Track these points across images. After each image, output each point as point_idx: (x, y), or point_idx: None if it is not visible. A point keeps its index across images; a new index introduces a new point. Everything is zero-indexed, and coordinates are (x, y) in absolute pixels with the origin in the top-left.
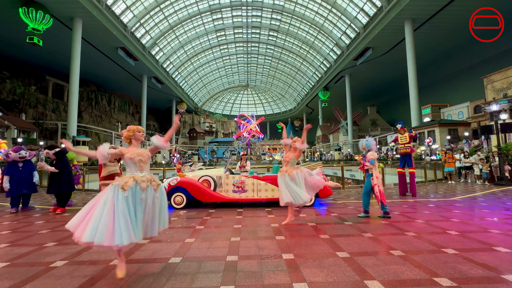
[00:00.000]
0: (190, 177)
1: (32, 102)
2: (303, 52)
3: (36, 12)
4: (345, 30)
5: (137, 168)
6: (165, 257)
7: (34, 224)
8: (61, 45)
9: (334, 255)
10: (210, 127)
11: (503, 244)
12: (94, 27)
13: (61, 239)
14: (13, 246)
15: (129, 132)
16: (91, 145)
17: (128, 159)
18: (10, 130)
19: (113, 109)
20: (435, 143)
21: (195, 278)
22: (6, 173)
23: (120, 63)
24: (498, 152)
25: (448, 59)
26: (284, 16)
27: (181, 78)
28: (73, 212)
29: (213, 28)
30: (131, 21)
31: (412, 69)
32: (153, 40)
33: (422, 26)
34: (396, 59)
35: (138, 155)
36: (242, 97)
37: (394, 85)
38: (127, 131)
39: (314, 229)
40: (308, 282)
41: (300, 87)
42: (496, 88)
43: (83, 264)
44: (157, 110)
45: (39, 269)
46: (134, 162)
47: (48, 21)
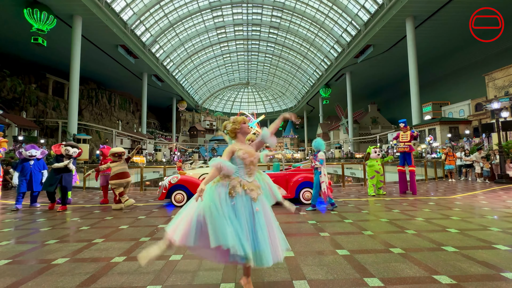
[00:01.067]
0: (190, 175)
1: (32, 100)
2: (304, 49)
3: (40, 13)
4: (346, 28)
5: (246, 171)
6: (166, 254)
7: (35, 222)
8: (61, 43)
9: (334, 252)
10: (210, 125)
11: (503, 242)
12: (94, 24)
13: (62, 237)
14: (14, 243)
15: (235, 124)
16: (92, 143)
17: (240, 159)
18: (11, 128)
19: (113, 107)
20: (436, 141)
21: (195, 276)
22: (16, 170)
23: (120, 61)
24: (499, 150)
25: (450, 57)
26: (285, 13)
27: (181, 76)
28: (74, 210)
29: (213, 25)
30: (131, 18)
31: (413, 67)
32: (153, 37)
33: (424, 24)
34: (397, 56)
35: (250, 155)
36: (243, 95)
37: (395, 83)
38: (232, 123)
39: (314, 227)
40: (308, 280)
41: (301, 85)
42: (498, 86)
43: (85, 262)
44: (158, 108)
45: (41, 266)
46: (245, 164)
47: (52, 21)
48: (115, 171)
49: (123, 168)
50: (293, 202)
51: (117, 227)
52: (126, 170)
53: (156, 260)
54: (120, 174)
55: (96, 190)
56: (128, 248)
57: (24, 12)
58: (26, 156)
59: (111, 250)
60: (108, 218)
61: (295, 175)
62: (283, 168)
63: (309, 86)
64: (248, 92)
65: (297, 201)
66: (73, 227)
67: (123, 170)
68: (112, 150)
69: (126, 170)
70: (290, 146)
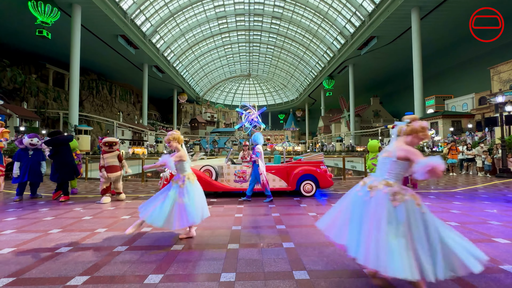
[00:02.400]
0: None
1: (33, 90)
2: (306, 41)
3: (44, 6)
4: (350, 18)
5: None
6: (168, 244)
7: (38, 211)
8: (61, 33)
9: (334, 244)
10: (211, 117)
11: (502, 235)
12: (93, 14)
13: (65, 226)
14: (18, 232)
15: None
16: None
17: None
18: (12, 119)
19: (114, 98)
20: (438, 135)
21: (197, 265)
22: (16, 159)
23: (120, 52)
24: (501, 145)
25: (454, 49)
26: (287, 3)
27: (182, 67)
28: (77, 200)
29: (214, 15)
30: (131, 7)
31: (417, 59)
32: (153, 27)
33: (429, 15)
34: (401, 49)
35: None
36: (244, 87)
37: (398, 75)
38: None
39: (315, 219)
40: (308, 270)
41: (303, 77)
42: (503, 79)
43: (87, 250)
44: (159, 99)
45: (45, 254)
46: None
47: (56, 14)
48: (106, 162)
49: (113, 161)
50: (294, 195)
51: (119, 217)
52: (116, 163)
53: (157, 250)
54: (108, 167)
55: (98, 181)
56: (130, 238)
57: (28, 5)
58: (27, 145)
59: (114, 239)
60: (111, 209)
61: (296, 168)
62: (284, 160)
63: (311, 78)
64: (249, 84)
65: (298, 193)
66: (75, 216)
67: (113, 163)
68: (105, 139)
69: (116, 164)
70: (291, 138)
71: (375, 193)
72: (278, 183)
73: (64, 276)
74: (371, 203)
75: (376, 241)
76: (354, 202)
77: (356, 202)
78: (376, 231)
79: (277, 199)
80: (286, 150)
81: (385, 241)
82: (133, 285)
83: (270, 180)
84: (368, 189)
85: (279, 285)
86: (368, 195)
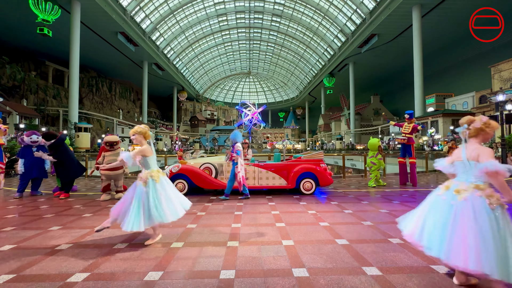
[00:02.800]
0: (191, 164)
1: (32, 88)
2: (307, 38)
3: (45, 3)
4: (351, 16)
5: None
6: (168, 241)
7: (39, 209)
8: (60, 30)
9: (333, 242)
10: (211, 115)
11: None
12: (92, 10)
13: (65, 223)
14: (18, 229)
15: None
16: (93, 132)
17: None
18: (12, 116)
19: (114, 95)
20: (438, 133)
21: (196, 262)
22: (20, 156)
23: (120, 49)
24: (501, 143)
25: (455, 48)
26: (288, 0)
27: (182, 64)
28: (77, 197)
29: (214, 12)
30: (131, 4)
31: (418, 57)
32: (153, 24)
33: (431, 12)
34: (402, 47)
35: None
36: (244, 85)
37: (399, 74)
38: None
39: (314, 217)
40: (307, 268)
41: (303, 75)
42: (504, 78)
43: (88, 247)
44: (159, 97)
45: (45, 251)
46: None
47: (57, 12)
48: (107, 160)
49: (115, 159)
50: (294, 193)
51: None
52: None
53: (157, 247)
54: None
55: (98, 178)
56: (130, 235)
57: (29, 3)
58: (29, 142)
59: (114, 237)
60: (110, 206)
61: (295, 166)
62: (284, 158)
63: (312, 76)
64: (249, 81)
65: (298, 191)
66: (76, 214)
67: (114, 161)
68: (105, 138)
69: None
70: (291, 136)
71: (466, 196)
72: (278, 181)
73: (65, 273)
74: (463, 206)
75: (479, 243)
76: (438, 206)
77: (439, 205)
78: (477, 233)
79: (277, 197)
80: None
81: (492, 243)
82: (133, 282)
83: (270, 178)
84: (455, 193)
85: (279, 283)
86: (455, 199)
